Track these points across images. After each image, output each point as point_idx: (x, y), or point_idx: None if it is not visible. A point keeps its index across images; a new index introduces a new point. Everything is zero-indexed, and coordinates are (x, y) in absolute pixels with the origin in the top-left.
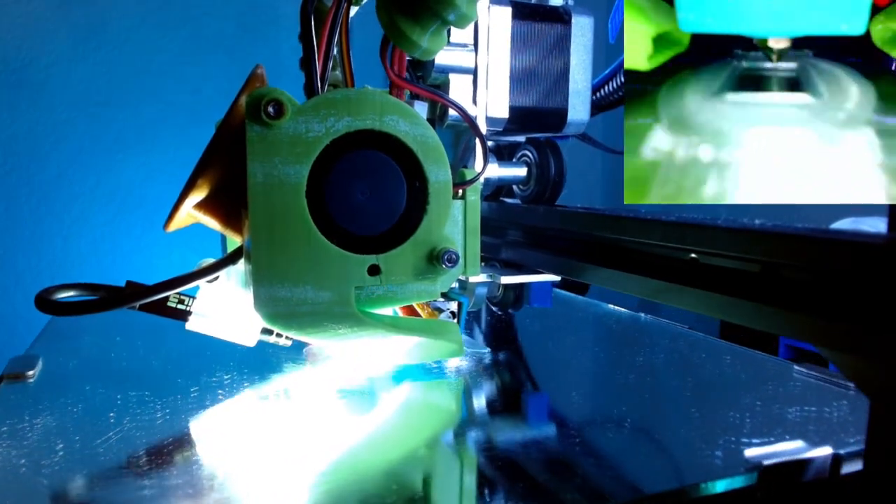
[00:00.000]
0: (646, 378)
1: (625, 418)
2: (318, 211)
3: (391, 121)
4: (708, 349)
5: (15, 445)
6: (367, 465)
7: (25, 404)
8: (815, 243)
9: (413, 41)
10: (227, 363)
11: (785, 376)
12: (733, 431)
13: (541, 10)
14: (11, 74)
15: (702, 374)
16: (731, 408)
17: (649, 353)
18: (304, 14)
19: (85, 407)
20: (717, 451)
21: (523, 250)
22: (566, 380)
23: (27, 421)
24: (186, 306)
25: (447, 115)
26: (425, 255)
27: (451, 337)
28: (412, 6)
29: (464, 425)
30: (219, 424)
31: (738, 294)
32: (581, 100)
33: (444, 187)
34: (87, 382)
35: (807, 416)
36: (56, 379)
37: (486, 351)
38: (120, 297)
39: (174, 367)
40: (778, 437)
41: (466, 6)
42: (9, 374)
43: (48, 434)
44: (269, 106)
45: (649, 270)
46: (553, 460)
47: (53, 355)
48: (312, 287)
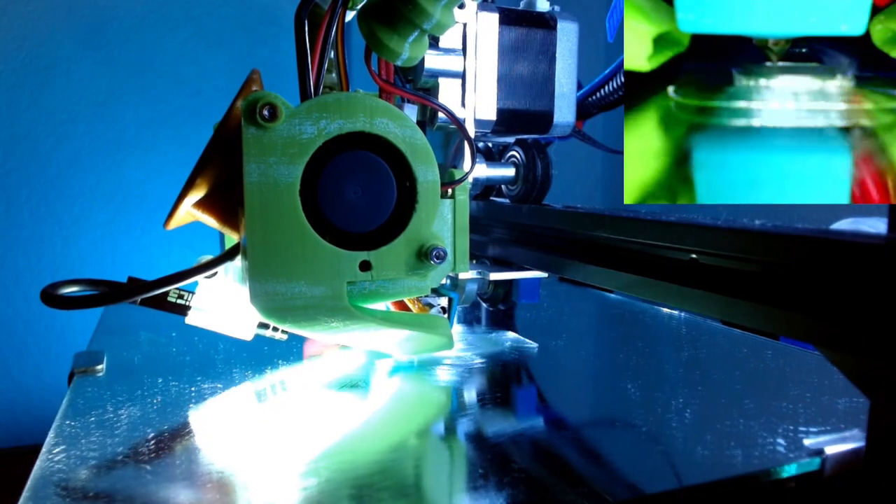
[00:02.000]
0: (695, 372)
1: (684, 409)
2: (312, 209)
3: (381, 123)
4: (748, 344)
5: (108, 434)
6: (360, 456)
7: (104, 396)
8: (815, 243)
9: (393, 50)
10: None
11: (827, 369)
12: (790, 421)
13: (527, 16)
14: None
15: (746, 367)
16: (783, 399)
17: (691, 349)
18: (299, 20)
19: (163, 399)
20: (779, 440)
21: (511, 247)
22: (618, 373)
23: (111, 412)
24: (186, 301)
25: (437, 117)
26: (415, 251)
27: (440, 331)
28: (389, 16)
29: (457, 416)
30: (215, 417)
31: (738, 294)
32: (566, 102)
33: (432, 186)
34: (158, 375)
35: (857, 405)
36: (125, 373)
37: (535, 346)
38: (122, 291)
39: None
40: (833, 426)
41: (442, 14)
42: (80, 369)
43: (135, 424)
44: (264, 109)
45: (649, 271)
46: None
47: (116, 350)
48: (306, 282)
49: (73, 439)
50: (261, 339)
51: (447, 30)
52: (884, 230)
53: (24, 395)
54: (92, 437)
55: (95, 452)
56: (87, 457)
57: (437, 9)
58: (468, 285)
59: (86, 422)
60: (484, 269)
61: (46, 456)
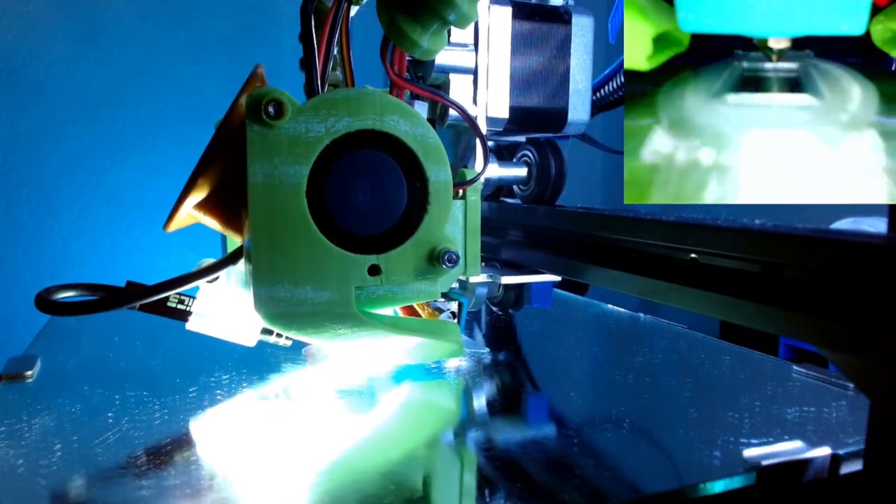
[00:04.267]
0: (645, 378)
1: (624, 418)
2: (319, 211)
3: (391, 121)
4: (707, 349)
5: (13, 445)
6: (365, 464)
7: (24, 404)
8: (815, 243)
9: (413, 41)
10: (227, 363)
11: (784, 376)
12: (732, 431)
13: (541, 10)
14: (11, 74)
15: (701, 374)
16: (730, 408)
17: (648, 354)
18: (305, 14)
19: (83, 407)
20: (715, 452)
21: (523, 250)
22: (565, 380)
23: (25, 421)
24: (186, 306)
25: (447, 114)
26: (426, 255)
27: (451, 337)
28: (413, 6)
29: (463, 425)
30: (217, 424)
31: (738, 294)
32: (581, 100)
33: (444, 187)
34: (86, 382)
35: (806, 416)
36: (55, 379)
37: (486, 351)
38: (120, 297)
39: (173, 367)
40: (777, 437)
41: (467, 6)
42: (7, 375)
43: (46, 434)
44: (270, 106)
45: (649, 270)
46: (551, 460)
47: (52, 355)
48: (313, 287)
49: None
50: (201, 341)
51: (470, 23)
52: (884, 230)
53: None
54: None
55: None
56: None
57: (465, 0)
58: (478, 289)
59: None
60: (495, 273)
61: None
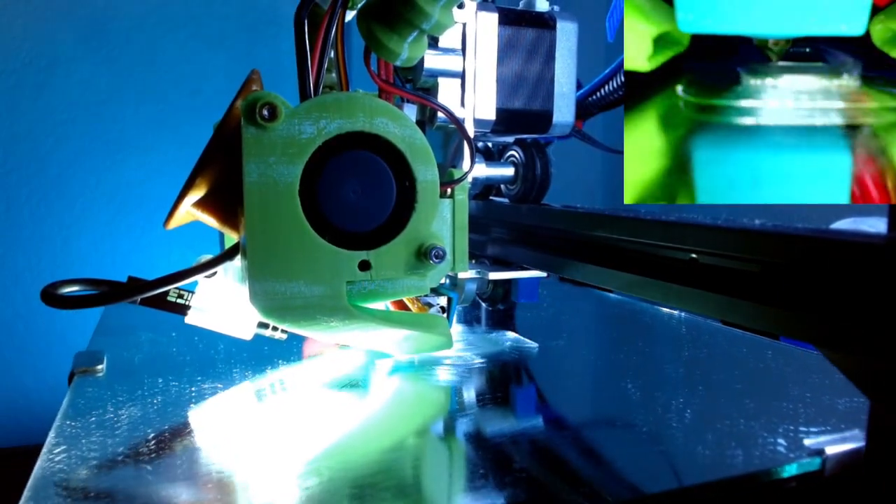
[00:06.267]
0: (695, 372)
1: (684, 409)
2: (311, 209)
3: (381, 123)
4: (747, 344)
5: (108, 435)
6: (359, 455)
7: (105, 396)
8: (815, 243)
9: (392, 50)
10: (288, 355)
11: (828, 369)
12: (790, 421)
13: (527, 16)
14: (11, 74)
15: (747, 367)
16: (784, 399)
17: (692, 349)
18: (299, 19)
19: (164, 399)
20: (779, 440)
21: (510, 247)
22: (618, 373)
23: (112, 412)
24: (185, 301)
25: (436, 117)
26: (414, 251)
27: (439, 330)
28: (388, 17)
29: (457, 416)
30: (214, 416)
31: (738, 294)
32: (566, 102)
33: (431, 186)
34: (158, 375)
35: (858, 406)
36: (125, 373)
37: (535, 346)
38: (122, 291)
39: (237, 359)
40: (834, 426)
41: (441, 14)
42: (80, 369)
43: (136, 424)
44: (264, 109)
45: (649, 271)
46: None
47: (116, 350)
48: (305, 282)
49: (74, 439)
50: (260, 338)
51: (446, 30)
52: (884, 230)
53: (24, 395)
54: (92, 437)
55: (96, 452)
56: (88, 457)
57: (435, 9)
58: (467, 285)
59: (86, 422)
60: (483, 269)
61: (47, 456)
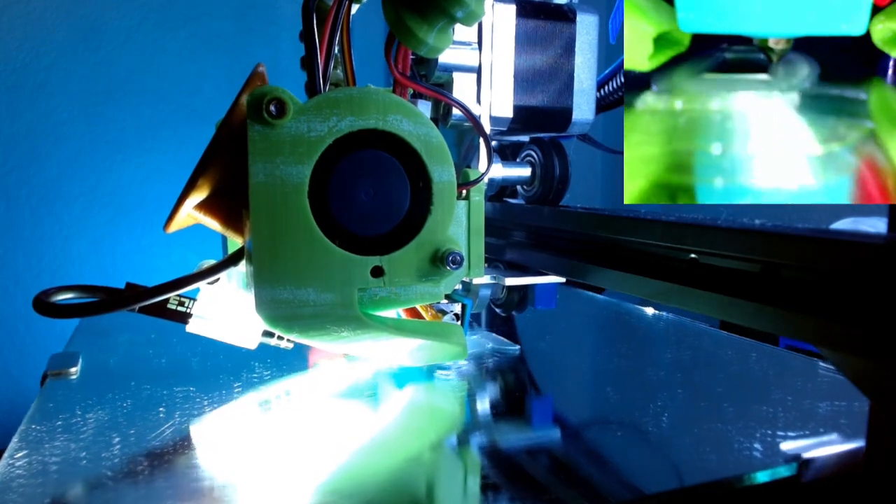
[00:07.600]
0: (676, 374)
1: (661, 413)
2: (321, 212)
3: (395, 120)
4: (733, 346)
5: (72, 439)
6: (369, 469)
7: (74, 399)
8: (815, 243)
9: (420, 38)
10: (265, 359)
11: (811, 372)
12: (769, 425)
13: (545, 9)
14: (11, 74)
15: (730, 370)
16: (763, 403)
17: (676, 351)
18: (306, 12)
19: (134, 402)
20: (755, 444)
21: (527, 251)
22: (597, 377)
23: (80, 415)
24: (187, 308)
25: (451, 114)
26: (429, 256)
27: (454, 339)
28: (420, 3)
29: (469, 429)
30: (219, 427)
31: (738, 294)
32: (586, 99)
33: (448, 187)
34: (131, 379)
35: (838, 410)
36: (99, 376)
37: (516, 348)
38: (119, 299)
39: (213, 364)
40: (813, 430)
41: (475, 3)
42: (53, 372)
43: (102, 428)
44: (271, 105)
45: (649, 271)
46: (592, 452)
47: (93, 352)
48: (315, 289)
49: (37, 444)
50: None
51: (477, 20)
52: (884, 230)
53: (24, 395)
54: (56, 441)
55: (58, 458)
56: (48, 462)
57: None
58: (482, 290)
59: (52, 426)
60: (499, 274)
61: (7, 461)
